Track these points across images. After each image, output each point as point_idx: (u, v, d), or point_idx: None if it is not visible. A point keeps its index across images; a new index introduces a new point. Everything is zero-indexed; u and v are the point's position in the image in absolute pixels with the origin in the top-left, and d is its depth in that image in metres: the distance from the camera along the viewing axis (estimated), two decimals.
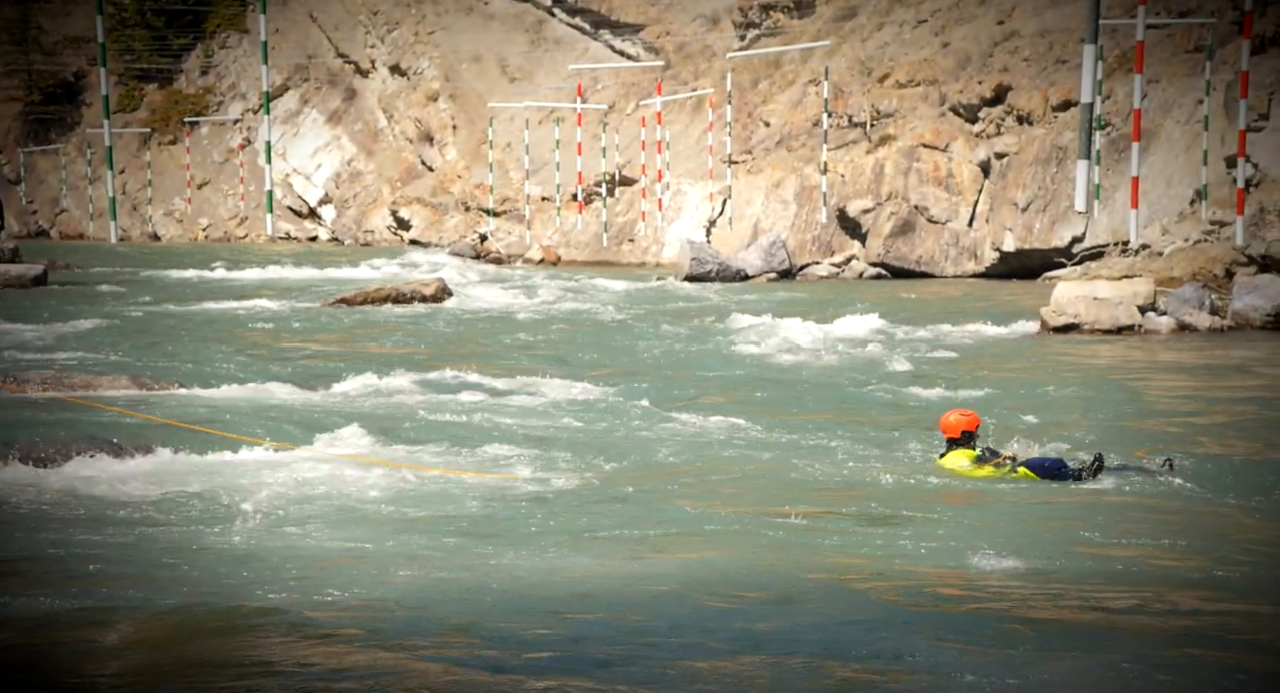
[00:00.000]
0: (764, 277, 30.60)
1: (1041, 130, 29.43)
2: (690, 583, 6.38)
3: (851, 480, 8.84)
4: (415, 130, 51.58)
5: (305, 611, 5.93)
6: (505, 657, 5.34)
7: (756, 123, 36.98)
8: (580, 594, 6.23)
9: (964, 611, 5.91)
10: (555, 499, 8.34)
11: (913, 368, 14.50)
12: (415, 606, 6.05)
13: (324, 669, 5.22)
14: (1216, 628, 5.59)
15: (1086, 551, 6.90)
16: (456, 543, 7.28)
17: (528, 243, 41.45)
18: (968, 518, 7.79)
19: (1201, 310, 18.22)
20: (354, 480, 8.87)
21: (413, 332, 19.58)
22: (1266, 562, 6.74)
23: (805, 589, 6.22)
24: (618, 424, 11.11)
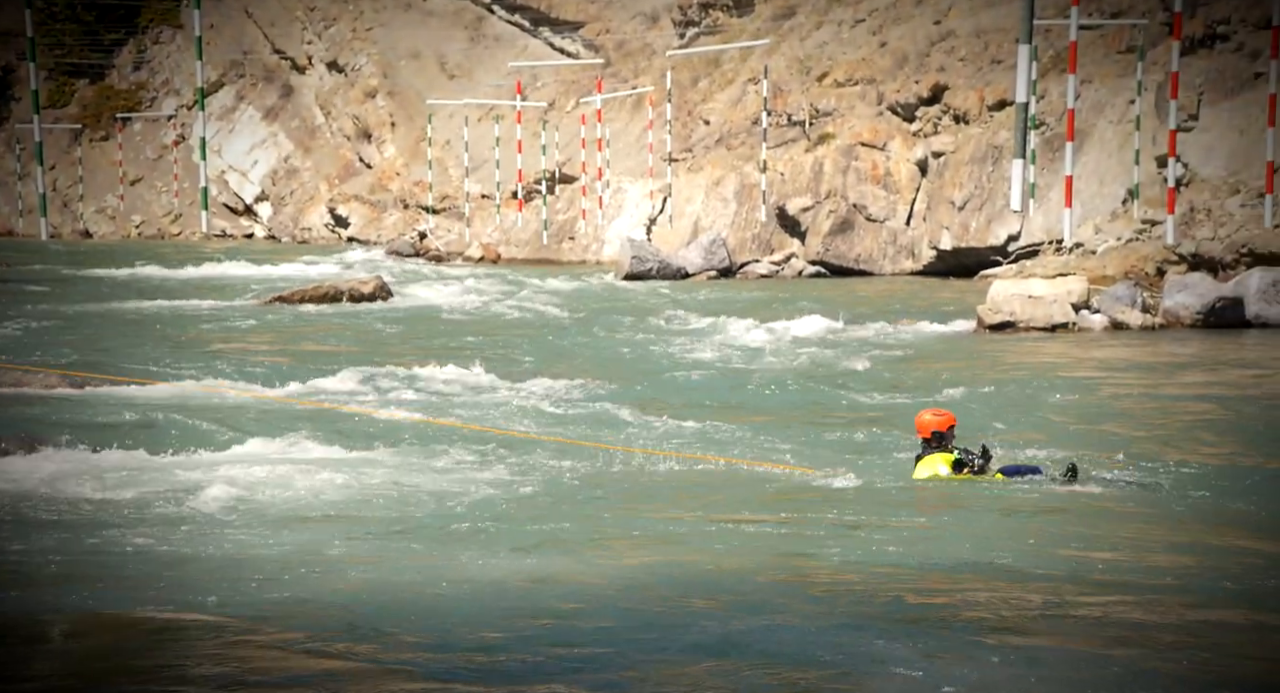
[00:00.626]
0: (704, 274, 30.68)
1: (978, 129, 29.76)
2: (647, 587, 6.33)
3: (806, 483, 8.83)
4: (353, 127, 51.17)
5: (243, 614, 5.87)
6: (455, 662, 5.29)
7: (696, 121, 37.07)
8: (533, 599, 6.19)
9: (923, 614, 5.87)
10: (507, 502, 8.29)
11: (855, 367, 14.61)
12: (364, 609, 6.00)
13: (265, 675, 5.16)
14: (1176, 629, 5.60)
15: (1050, 554, 6.85)
16: (404, 547, 7.22)
17: (467, 240, 41.27)
18: (925, 520, 7.75)
19: (1134, 308, 18.51)
20: (294, 481, 8.78)
21: (351, 330, 19.43)
22: (1218, 562, 6.77)
23: (765, 595, 6.17)
24: (566, 426, 11.09)
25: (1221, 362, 15.03)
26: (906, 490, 8.48)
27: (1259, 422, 10.75)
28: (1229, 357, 15.50)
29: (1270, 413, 11.10)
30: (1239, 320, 17.97)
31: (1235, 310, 18.05)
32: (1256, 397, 12.21)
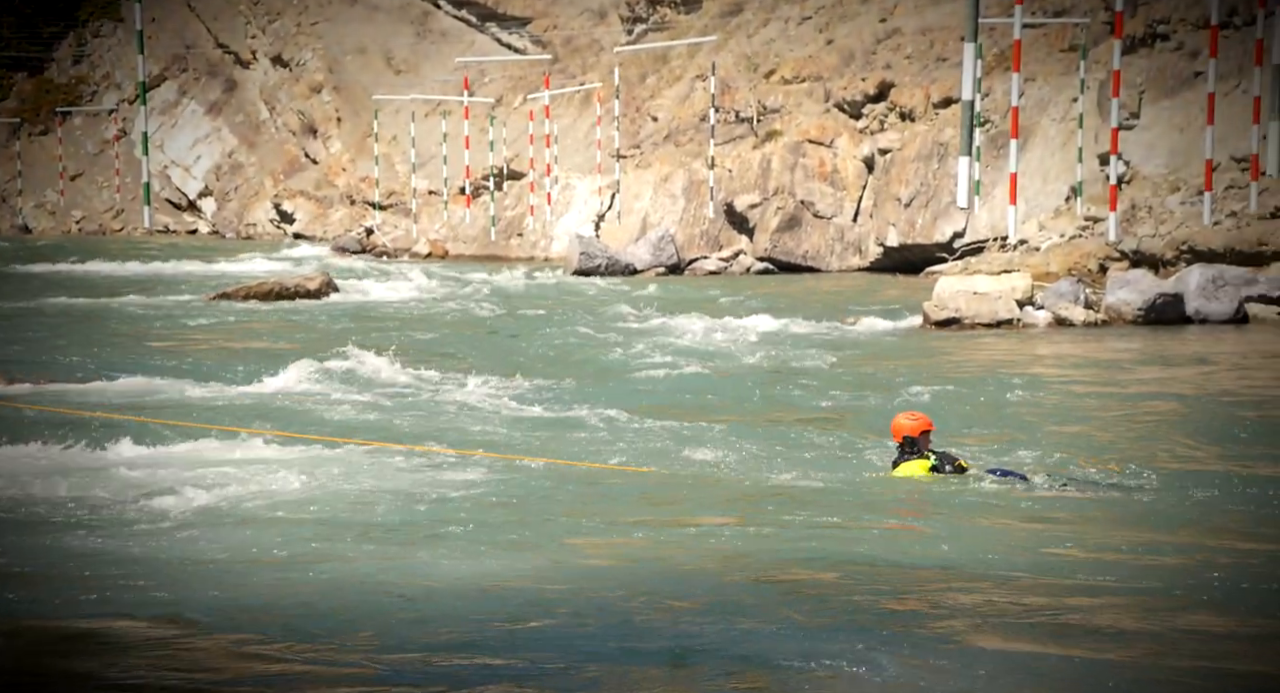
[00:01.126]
0: (652, 270, 30.70)
1: (923, 127, 29.98)
2: (607, 591, 6.28)
3: (768, 485, 8.80)
4: (298, 122, 50.73)
5: (188, 616, 5.80)
6: (407, 666, 5.24)
7: (644, 117, 37.08)
8: (492, 603, 6.14)
9: (891, 618, 5.83)
10: (462, 502, 8.22)
11: (808, 365, 14.66)
12: (312, 612, 5.93)
13: (212, 677, 5.10)
14: (1152, 632, 5.60)
15: (1022, 555, 6.78)
16: (354, 549, 7.14)
17: (415, 237, 41.05)
18: (894, 521, 7.69)
19: (1077, 304, 18.71)
20: (239, 482, 8.68)
21: (297, 327, 19.26)
22: (1194, 563, 6.76)
23: (728, 597, 6.11)
24: (517, 424, 11.04)
25: (1168, 358, 15.22)
26: (871, 491, 8.43)
27: (1217, 419, 10.82)
28: (1175, 353, 15.70)
29: (1226, 410, 11.20)
30: (1179, 316, 18.22)
31: (1176, 307, 18.30)
32: (1212, 394, 12.35)
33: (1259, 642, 5.44)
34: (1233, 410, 11.10)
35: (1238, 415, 10.86)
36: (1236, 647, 5.37)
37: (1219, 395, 12.07)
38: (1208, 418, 10.82)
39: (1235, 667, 5.14)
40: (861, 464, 9.18)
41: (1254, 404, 11.43)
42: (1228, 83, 24.41)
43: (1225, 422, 10.65)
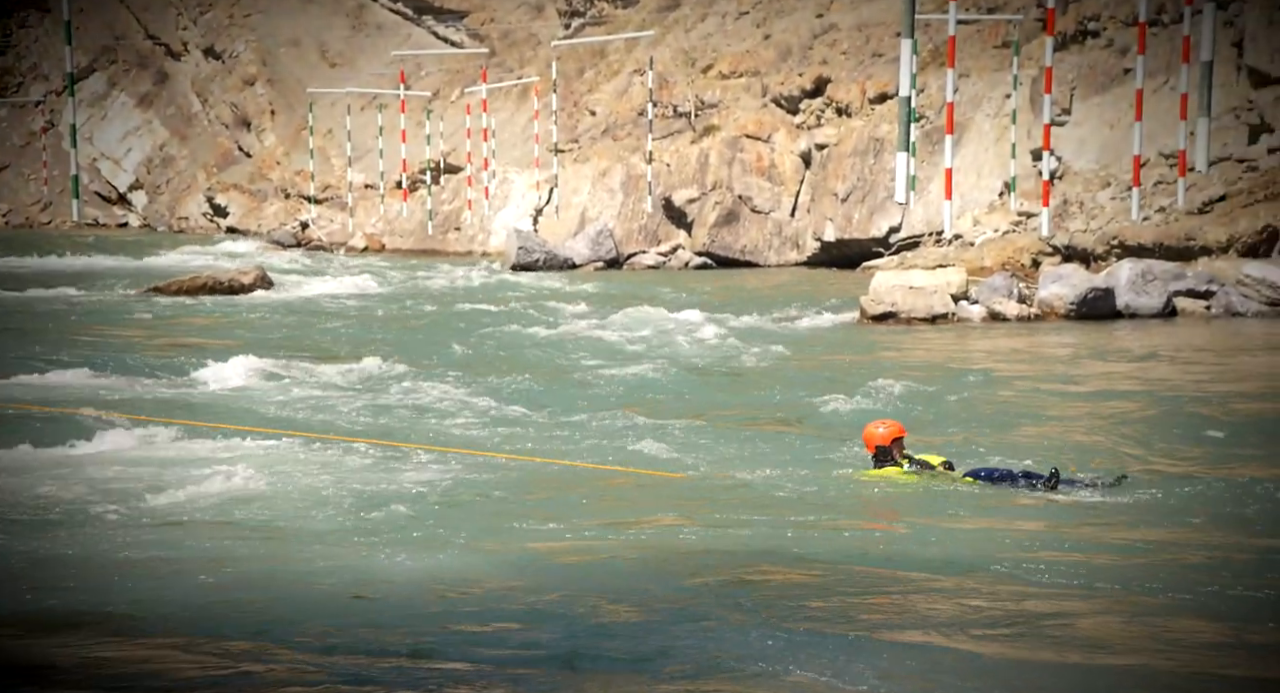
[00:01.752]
0: (591, 265, 30.70)
1: (860, 122, 30.21)
2: (567, 590, 6.29)
3: (719, 481, 8.78)
4: (231, 115, 50.12)
5: (121, 614, 5.73)
6: (359, 666, 5.21)
7: (582, 111, 37.04)
8: (443, 605, 6.11)
9: (855, 620, 5.83)
10: (415, 499, 8.16)
11: (748, 360, 14.74)
12: (263, 610, 5.88)
13: (151, 679, 5.05)
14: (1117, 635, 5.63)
15: (994, 557, 6.72)
16: (307, 546, 7.08)
17: (351, 230, 40.72)
18: (856, 522, 7.65)
19: (1010, 299, 18.94)
20: (172, 480, 8.58)
21: (232, 322, 19.05)
22: (1168, 564, 6.81)
23: (687, 599, 6.07)
24: (464, 420, 10.99)
25: (1106, 353, 15.41)
26: (828, 491, 8.37)
27: (1170, 416, 10.81)
28: (1111, 347, 15.91)
29: (1176, 406, 11.23)
30: (1110, 311, 18.50)
31: (1107, 301, 18.58)
32: (1159, 389, 12.41)
33: (1240, 645, 5.44)
34: (1183, 406, 11.20)
35: (1189, 411, 10.97)
36: (1218, 650, 5.37)
37: (1165, 391, 12.24)
38: (1161, 414, 10.91)
39: (1216, 671, 5.13)
40: (815, 463, 9.19)
41: (1202, 400, 11.59)
42: (1156, 80, 24.83)
43: (1178, 418, 10.73)
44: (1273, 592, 6.10)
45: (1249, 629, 5.58)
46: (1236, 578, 6.26)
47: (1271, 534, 7.29)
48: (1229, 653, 5.34)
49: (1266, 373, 13.95)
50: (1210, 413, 10.86)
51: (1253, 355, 15.25)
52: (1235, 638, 5.50)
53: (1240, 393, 12.14)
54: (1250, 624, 5.63)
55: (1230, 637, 5.52)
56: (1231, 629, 5.60)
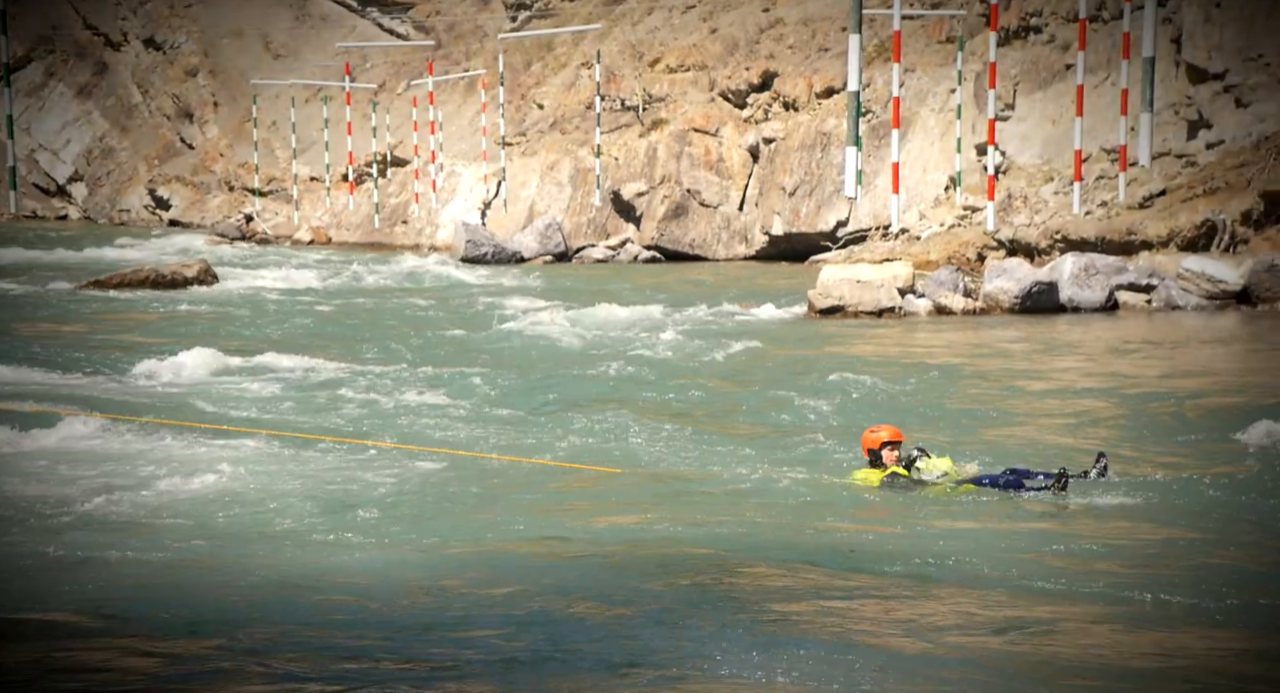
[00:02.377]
0: (540, 259, 30.67)
1: (806, 116, 30.37)
2: (526, 587, 6.28)
3: (678, 479, 8.78)
4: (173, 106, 49.53)
5: (81, 614, 5.69)
6: (311, 667, 5.20)
7: (530, 105, 36.96)
8: (409, 602, 6.09)
9: (818, 624, 5.86)
10: (370, 496, 8.12)
11: (696, 355, 14.77)
12: (210, 610, 5.85)
13: (102, 677, 5.02)
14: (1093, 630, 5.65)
15: (965, 561, 6.65)
16: (257, 544, 7.04)
17: (296, 223, 40.41)
18: (817, 525, 7.60)
19: (956, 293, 19.14)
20: (117, 478, 8.50)
21: (175, 317, 18.87)
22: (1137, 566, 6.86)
23: (658, 599, 6.06)
24: (416, 416, 10.96)
25: (1055, 346, 15.59)
26: (789, 490, 8.30)
27: (1130, 411, 10.86)
28: (1059, 341, 16.10)
29: (1134, 402, 11.26)
30: (1054, 304, 18.75)
31: (1050, 294, 18.83)
32: (1110, 383, 12.56)
33: (1240, 650, 5.43)
34: (1144, 402, 11.18)
35: (1149, 407, 11.00)
36: (1218, 655, 5.36)
37: (1123, 386, 12.34)
38: (1121, 410, 10.91)
39: (1216, 675, 5.14)
40: (770, 461, 9.17)
41: (1160, 395, 11.69)
42: (1097, 76, 25.18)
43: (1140, 414, 10.74)
44: (1261, 592, 6.12)
45: (1247, 634, 5.54)
46: (1228, 579, 6.22)
47: (1231, 530, 7.33)
48: (1228, 659, 5.30)
49: (1218, 367, 14.20)
50: (1170, 408, 10.97)
51: (1198, 348, 15.52)
52: (1235, 643, 5.46)
53: (1199, 387, 12.33)
54: (1247, 628, 5.60)
55: (1230, 642, 5.48)
56: (1229, 633, 5.56)
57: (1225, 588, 6.17)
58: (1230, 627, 5.69)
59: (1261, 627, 5.68)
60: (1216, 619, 5.77)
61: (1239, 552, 6.91)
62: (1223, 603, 5.98)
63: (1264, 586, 6.27)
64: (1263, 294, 18.52)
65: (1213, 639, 5.53)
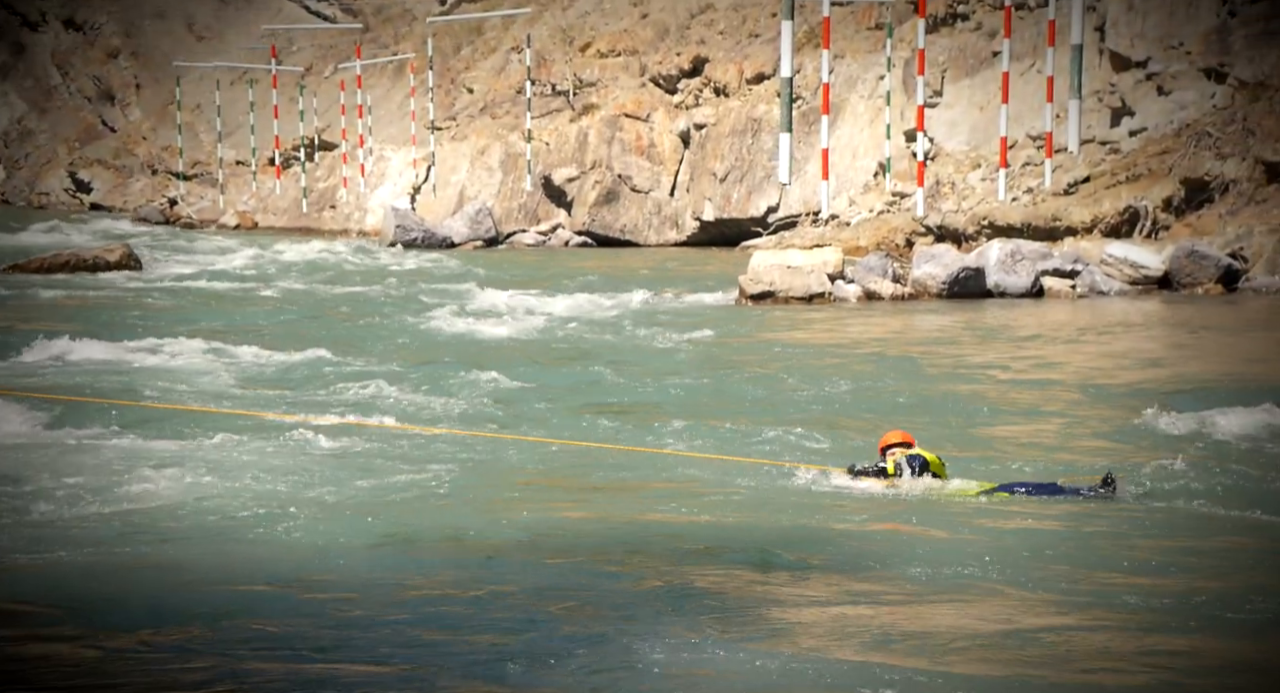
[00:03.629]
0: (470, 244, 30.49)
1: (737, 102, 30.43)
2: (458, 579, 6.25)
3: (608, 472, 8.76)
4: (94, 88, 48.59)
5: (11, 609, 5.57)
6: (227, 663, 5.13)
7: (460, 89, 36.69)
8: (343, 598, 6.03)
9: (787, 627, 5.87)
10: (309, 479, 8.01)
11: (630, 341, 14.76)
12: (127, 599, 5.75)
13: (22, 670, 4.92)
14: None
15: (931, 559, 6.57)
16: (190, 532, 6.93)
17: (222, 208, 39.84)
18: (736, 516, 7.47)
19: (885, 278, 19.29)
20: (44, 469, 8.33)
21: (96, 302, 18.53)
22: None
23: (596, 593, 6.04)
24: (351, 400, 10.85)
25: (986, 332, 15.73)
26: (727, 483, 8.13)
27: (1073, 398, 10.95)
28: (988, 326, 16.26)
29: (1075, 390, 11.39)
30: (981, 290, 18.95)
31: (978, 280, 19.03)
32: (1057, 377, 12.70)
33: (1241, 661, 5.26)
34: (1086, 390, 11.30)
35: (1076, 395, 11.13)
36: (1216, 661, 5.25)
37: (1062, 374, 12.47)
38: (1068, 398, 10.98)
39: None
40: (703, 448, 9.16)
41: (1101, 383, 11.85)
42: (1023, 63, 25.47)
43: (1085, 402, 10.85)
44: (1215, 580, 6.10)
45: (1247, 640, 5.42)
46: (1222, 578, 6.16)
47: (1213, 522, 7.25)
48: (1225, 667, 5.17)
49: (1144, 352, 14.41)
50: (1099, 395, 11.08)
51: (1123, 334, 15.76)
52: (1236, 650, 5.34)
53: (1128, 373, 12.52)
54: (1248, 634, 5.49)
55: (1231, 648, 5.35)
56: (1228, 639, 5.44)
57: (1171, 579, 6.25)
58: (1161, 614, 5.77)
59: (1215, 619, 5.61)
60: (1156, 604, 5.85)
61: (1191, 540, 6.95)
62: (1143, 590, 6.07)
63: (1216, 570, 6.30)
64: (1183, 279, 18.86)
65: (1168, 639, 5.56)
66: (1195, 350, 14.40)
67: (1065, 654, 5.19)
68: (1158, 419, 9.78)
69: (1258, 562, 6.50)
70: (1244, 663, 5.18)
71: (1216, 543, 6.86)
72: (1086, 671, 5.02)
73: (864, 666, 5.00)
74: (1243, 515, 7.30)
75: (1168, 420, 9.72)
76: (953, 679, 4.89)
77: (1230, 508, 7.43)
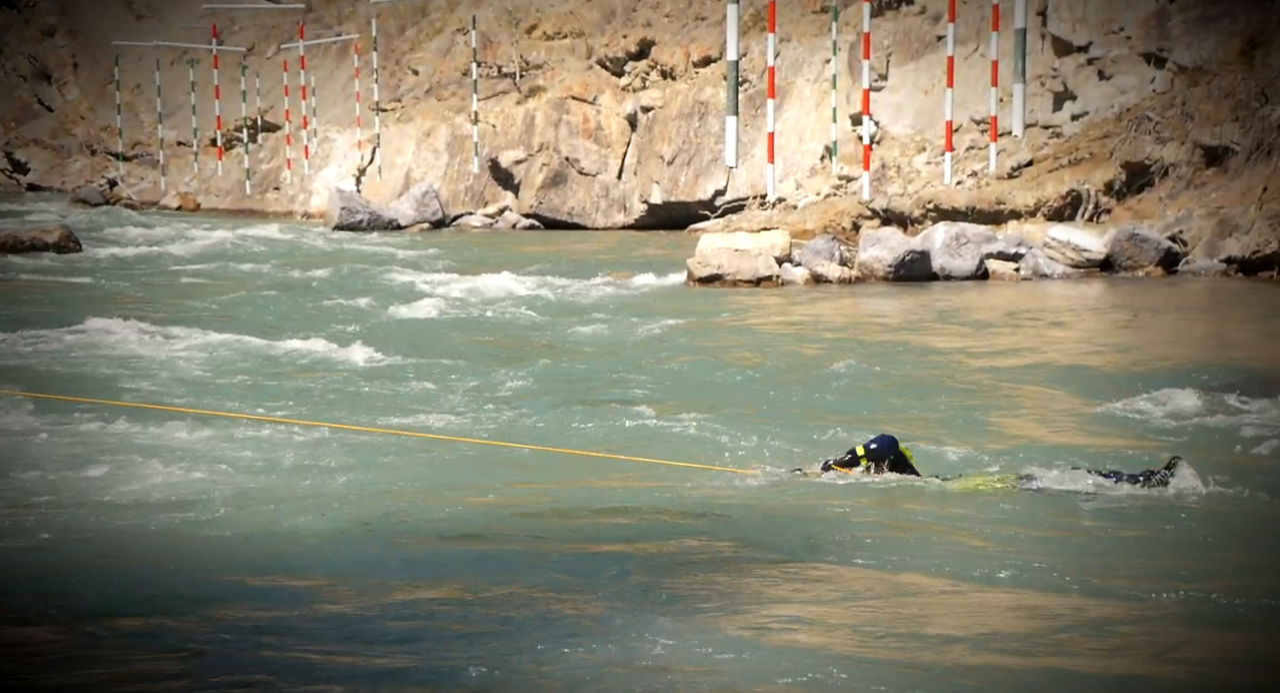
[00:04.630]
0: (417, 227, 30.32)
1: (684, 85, 30.43)
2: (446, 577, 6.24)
3: (560, 457, 8.70)
4: (30, 67, 47.76)
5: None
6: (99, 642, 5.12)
7: (405, 70, 36.41)
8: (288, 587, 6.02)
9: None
10: (236, 470, 7.98)
11: (578, 324, 14.75)
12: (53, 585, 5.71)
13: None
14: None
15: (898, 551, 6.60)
16: (106, 521, 6.88)
17: (163, 189, 39.34)
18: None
19: (832, 261, 19.40)
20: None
21: (36, 285, 18.24)
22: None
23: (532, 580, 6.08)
24: (295, 388, 10.78)
25: (937, 314, 15.86)
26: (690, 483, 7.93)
27: (1030, 382, 11.05)
28: (937, 308, 16.37)
29: (1028, 372, 11.47)
30: (926, 273, 19.12)
31: (923, 263, 19.19)
32: (990, 360, 12.89)
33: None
34: (1019, 372, 11.43)
35: (1025, 376, 11.26)
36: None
37: (996, 353, 12.63)
38: (1024, 382, 11.04)
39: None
40: (650, 437, 9.17)
41: (1032, 365, 12.00)
42: (968, 47, 25.66)
43: (1014, 382, 11.00)
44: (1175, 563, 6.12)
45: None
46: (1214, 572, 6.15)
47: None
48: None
49: (1088, 334, 14.63)
50: (1047, 376, 11.20)
51: (1067, 316, 15.98)
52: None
53: (1075, 355, 12.69)
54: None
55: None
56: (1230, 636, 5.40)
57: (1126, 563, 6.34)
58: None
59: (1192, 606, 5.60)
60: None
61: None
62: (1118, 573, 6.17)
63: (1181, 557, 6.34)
64: (1124, 262, 19.13)
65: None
66: (1145, 333, 14.58)
67: (1067, 645, 5.18)
68: (1122, 403, 9.88)
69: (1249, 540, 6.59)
70: (1238, 652, 5.20)
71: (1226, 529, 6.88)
72: (1079, 658, 5.04)
73: (844, 658, 5.04)
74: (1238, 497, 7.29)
75: (1132, 405, 9.80)
76: (954, 672, 4.87)
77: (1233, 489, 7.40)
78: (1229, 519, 6.97)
